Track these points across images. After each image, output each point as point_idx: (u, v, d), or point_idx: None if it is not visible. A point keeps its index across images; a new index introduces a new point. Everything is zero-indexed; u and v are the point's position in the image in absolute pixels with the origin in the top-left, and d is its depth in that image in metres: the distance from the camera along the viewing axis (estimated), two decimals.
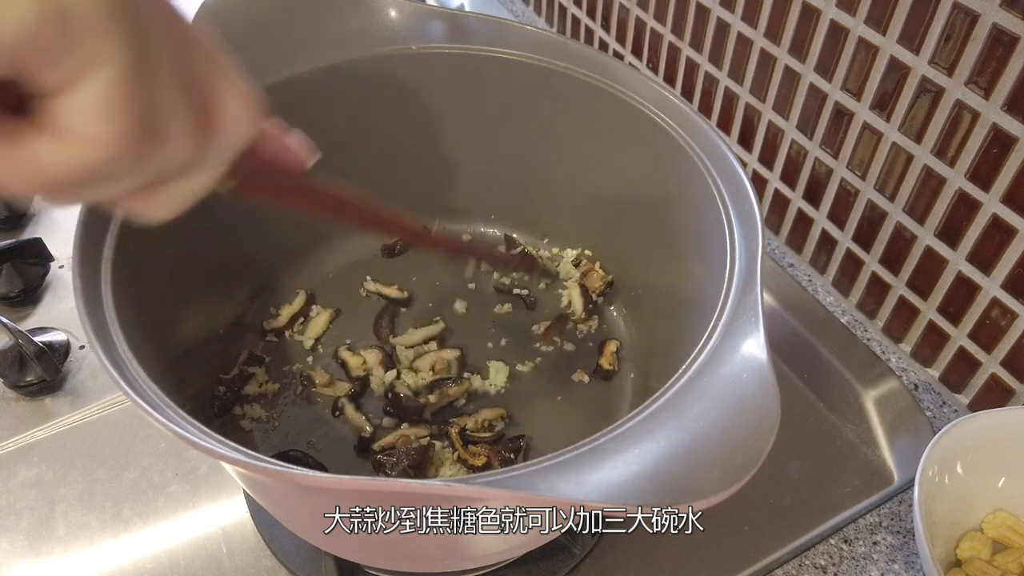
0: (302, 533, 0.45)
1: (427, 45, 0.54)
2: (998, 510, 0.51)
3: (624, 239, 0.58)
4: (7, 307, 0.65)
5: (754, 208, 0.41)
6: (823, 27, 0.55)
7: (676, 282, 0.51)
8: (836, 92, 0.57)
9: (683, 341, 0.43)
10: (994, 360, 0.55)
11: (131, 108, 0.20)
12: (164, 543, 0.52)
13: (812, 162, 0.62)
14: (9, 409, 0.59)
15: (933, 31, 0.49)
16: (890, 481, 0.55)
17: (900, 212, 0.57)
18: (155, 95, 0.20)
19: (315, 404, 0.55)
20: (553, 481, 0.29)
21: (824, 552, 0.52)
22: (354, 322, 0.60)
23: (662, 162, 0.49)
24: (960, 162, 0.51)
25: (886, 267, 0.60)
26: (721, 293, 0.38)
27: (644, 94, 0.49)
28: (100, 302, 0.38)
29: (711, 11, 0.65)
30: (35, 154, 0.19)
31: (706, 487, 0.29)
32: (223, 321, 0.57)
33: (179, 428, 0.32)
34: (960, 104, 0.49)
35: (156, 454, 0.56)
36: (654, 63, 0.75)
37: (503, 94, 0.55)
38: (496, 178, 0.62)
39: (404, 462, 0.49)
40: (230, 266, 0.56)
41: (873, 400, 0.59)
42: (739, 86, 0.66)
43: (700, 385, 0.33)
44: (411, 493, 0.32)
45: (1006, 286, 0.52)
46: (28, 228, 0.72)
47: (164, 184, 0.23)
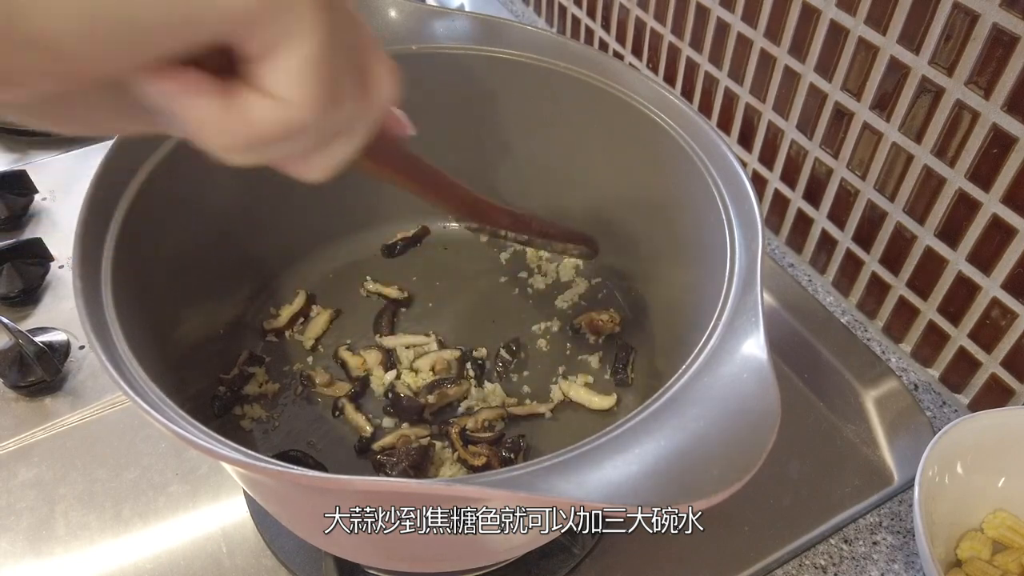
0: (302, 533, 0.45)
1: (427, 45, 0.54)
2: (998, 510, 0.51)
3: (624, 239, 0.58)
4: (7, 307, 0.65)
5: (754, 208, 0.41)
6: (823, 27, 0.55)
7: (676, 282, 0.51)
8: (836, 92, 0.57)
9: (683, 341, 0.43)
10: (994, 360, 0.55)
11: (326, 75, 0.22)
12: (164, 543, 0.52)
13: (812, 162, 0.62)
14: (9, 409, 0.59)
15: (933, 31, 0.49)
16: (890, 481, 0.55)
17: (900, 212, 0.57)
18: (338, 64, 0.23)
19: (315, 404, 0.55)
20: (553, 481, 0.29)
21: (824, 552, 0.52)
22: (354, 322, 0.60)
23: (662, 162, 0.49)
24: (960, 162, 0.51)
25: (886, 267, 0.60)
26: (721, 293, 0.38)
27: (644, 94, 0.49)
28: (100, 302, 0.38)
29: (711, 11, 0.65)
30: (246, 110, 0.21)
31: (706, 487, 0.29)
32: (223, 321, 0.57)
33: (179, 428, 0.32)
34: (960, 104, 0.49)
35: (156, 454, 0.56)
36: (654, 63, 0.75)
37: (503, 94, 0.55)
38: (496, 178, 0.62)
39: (404, 462, 0.49)
40: (230, 266, 0.56)
41: (873, 400, 0.59)
42: (739, 86, 0.66)
43: (700, 385, 0.33)
44: (411, 493, 0.32)
45: (1006, 286, 0.52)
46: (28, 228, 0.72)
47: (324, 146, 0.25)
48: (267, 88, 0.21)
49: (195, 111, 0.21)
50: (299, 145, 0.24)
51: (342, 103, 0.24)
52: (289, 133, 0.22)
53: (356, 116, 0.25)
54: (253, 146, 0.22)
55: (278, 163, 0.25)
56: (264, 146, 0.23)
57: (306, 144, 0.24)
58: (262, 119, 0.22)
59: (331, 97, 0.23)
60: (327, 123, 0.24)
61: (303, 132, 0.23)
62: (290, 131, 0.22)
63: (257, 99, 0.22)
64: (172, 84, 0.21)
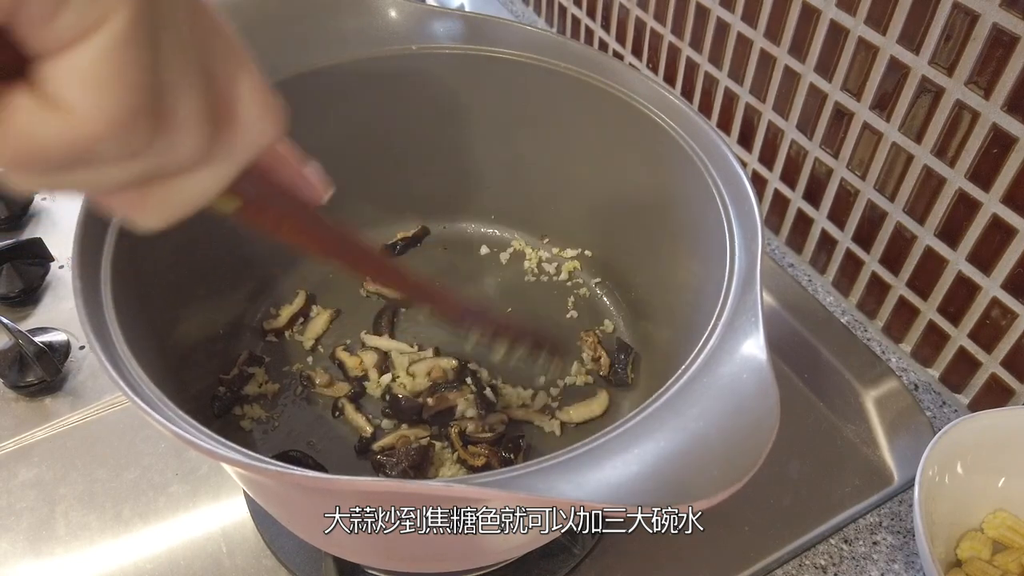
0: (302, 533, 0.45)
1: (427, 45, 0.54)
2: (998, 510, 0.51)
3: (624, 239, 0.58)
4: (7, 307, 0.65)
5: (754, 208, 0.41)
6: (823, 27, 0.55)
7: (676, 282, 0.51)
8: (836, 92, 0.57)
9: (683, 341, 0.43)
10: (994, 360, 0.55)
11: (130, 78, 0.17)
12: (164, 543, 0.52)
13: (812, 162, 0.62)
14: (9, 409, 0.59)
15: (933, 31, 0.49)
16: (890, 481, 0.55)
17: (900, 212, 0.57)
18: (162, 70, 0.18)
19: (315, 404, 0.55)
20: (553, 481, 0.29)
21: (824, 552, 0.52)
22: (354, 322, 0.60)
23: (662, 162, 0.49)
24: (960, 162, 0.51)
25: (886, 267, 0.60)
26: (721, 293, 0.38)
27: (644, 94, 0.49)
28: (100, 302, 0.38)
29: (711, 11, 0.65)
30: (14, 120, 0.17)
31: (706, 487, 0.28)
32: (223, 321, 0.57)
33: (179, 429, 0.32)
34: (960, 104, 0.49)
35: (156, 454, 0.56)
36: (654, 63, 0.75)
37: (503, 94, 0.55)
38: (496, 178, 0.62)
39: (404, 463, 0.49)
40: (230, 266, 0.56)
41: (873, 400, 0.59)
42: (739, 86, 0.66)
43: (700, 385, 0.33)
44: (411, 493, 0.32)
45: (1006, 286, 0.52)
46: (28, 228, 0.72)
47: (162, 182, 0.20)
48: (51, 92, 0.17)
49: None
50: (115, 173, 0.19)
51: (173, 125, 0.19)
52: (77, 152, 0.17)
53: (208, 146, 0.20)
54: (29, 165, 0.17)
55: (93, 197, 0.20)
56: (48, 169, 0.18)
57: (126, 172, 0.19)
58: (33, 132, 0.17)
59: (146, 112, 0.18)
60: (155, 147, 0.19)
61: (109, 153, 0.18)
62: (78, 149, 0.17)
63: (27, 106, 0.17)
64: None
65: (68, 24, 0.16)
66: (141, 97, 0.17)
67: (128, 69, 0.17)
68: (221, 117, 0.20)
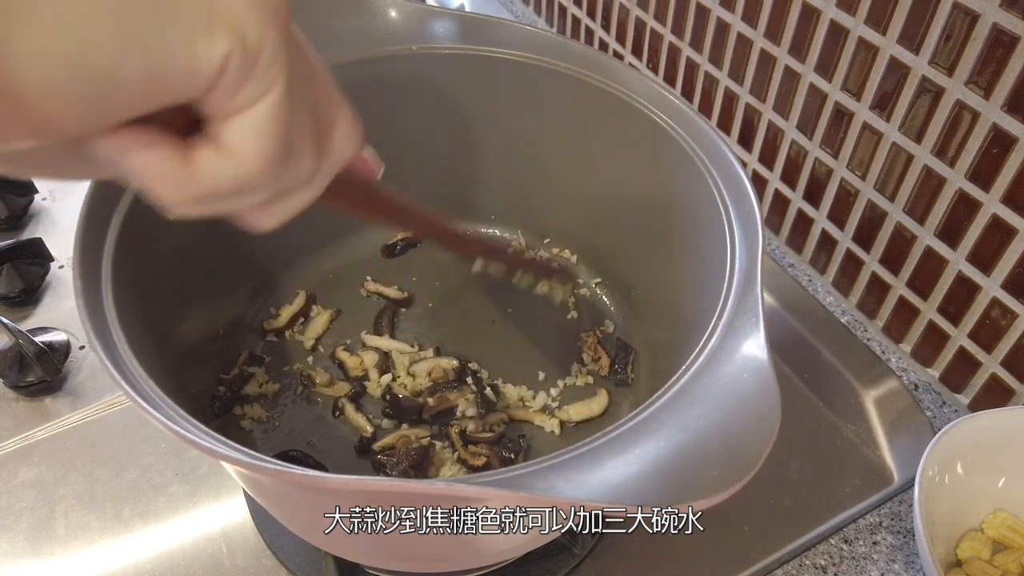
0: (302, 533, 0.45)
1: (427, 45, 0.54)
2: (998, 510, 0.51)
3: (624, 239, 0.58)
4: (7, 307, 0.65)
5: (754, 208, 0.41)
6: (823, 27, 0.55)
7: (676, 282, 0.51)
8: (836, 92, 0.57)
9: (683, 341, 0.43)
10: (994, 360, 0.55)
11: (282, 129, 0.22)
12: (164, 543, 0.52)
13: (812, 162, 0.62)
14: (9, 409, 0.59)
15: (933, 31, 0.49)
16: (890, 481, 0.55)
17: (900, 212, 0.57)
18: (295, 119, 0.23)
19: (315, 404, 0.55)
20: (553, 481, 0.29)
21: (824, 552, 0.52)
22: (354, 322, 0.60)
23: (662, 162, 0.49)
24: (960, 162, 0.51)
25: (886, 267, 0.60)
26: (721, 293, 0.38)
27: (644, 94, 0.49)
28: (100, 302, 0.38)
29: (711, 11, 0.65)
30: (199, 167, 0.21)
31: (706, 487, 0.28)
32: (223, 321, 0.57)
33: (179, 428, 0.32)
34: (960, 104, 0.49)
35: (156, 454, 0.56)
36: (654, 63, 0.75)
37: (503, 94, 0.55)
38: (496, 178, 0.62)
39: (404, 462, 0.49)
40: (230, 266, 0.56)
41: (873, 400, 0.59)
42: (739, 86, 0.66)
43: (700, 385, 0.33)
44: (411, 493, 0.32)
45: (1006, 286, 0.52)
46: (28, 228, 0.72)
47: (280, 198, 0.25)
48: (224, 144, 0.21)
49: (147, 167, 0.21)
50: (252, 200, 0.24)
51: (299, 159, 0.24)
52: (240, 188, 0.22)
53: (314, 170, 0.25)
54: (203, 200, 0.22)
55: (231, 215, 0.25)
56: (215, 201, 0.22)
57: (261, 196, 0.24)
58: (212, 175, 0.22)
59: (286, 153, 0.23)
60: (281, 179, 0.23)
61: (254, 188, 0.23)
62: (242, 186, 0.22)
63: (210, 154, 0.21)
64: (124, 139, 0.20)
65: (246, 96, 0.21)
66: (287, 143, 0.23)
67: (282, 123, 0.22)
68: (323, 144, 0.25)
